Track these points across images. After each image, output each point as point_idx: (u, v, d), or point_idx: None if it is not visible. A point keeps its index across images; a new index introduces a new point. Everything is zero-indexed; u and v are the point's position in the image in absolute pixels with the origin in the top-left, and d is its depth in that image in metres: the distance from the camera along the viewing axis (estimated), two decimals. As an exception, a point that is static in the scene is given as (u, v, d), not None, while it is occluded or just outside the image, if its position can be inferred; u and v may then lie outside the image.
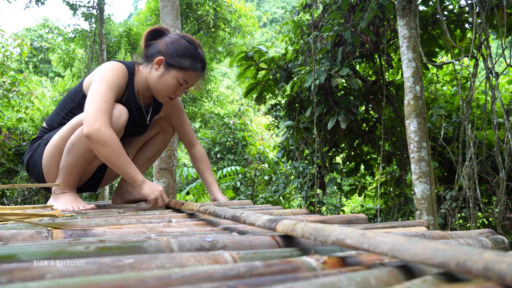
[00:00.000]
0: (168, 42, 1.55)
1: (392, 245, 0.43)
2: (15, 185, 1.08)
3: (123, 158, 1.40)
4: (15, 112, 6.92)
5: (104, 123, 1.37)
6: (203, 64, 1.59)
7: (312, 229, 0.57)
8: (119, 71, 1.51)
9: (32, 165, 1.60)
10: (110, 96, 1.44)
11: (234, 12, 11.27)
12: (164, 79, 1.55)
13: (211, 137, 9.52)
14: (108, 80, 1.46)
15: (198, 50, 1.56)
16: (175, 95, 1.60)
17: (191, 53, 1.54)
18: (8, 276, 0.40)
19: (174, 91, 1.58)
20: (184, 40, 1.55)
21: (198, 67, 1.56)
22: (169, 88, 1.56)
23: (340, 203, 5.57)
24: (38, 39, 14.42)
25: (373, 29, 3.92)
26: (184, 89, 1.60)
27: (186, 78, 1.55)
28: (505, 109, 3.08)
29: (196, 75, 1.57)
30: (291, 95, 4.74)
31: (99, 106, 1.39)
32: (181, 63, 1.52)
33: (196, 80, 1.59)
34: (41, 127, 1.70)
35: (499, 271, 0.33)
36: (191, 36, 1.60)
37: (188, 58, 1.53)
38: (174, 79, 1.54)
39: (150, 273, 0.41)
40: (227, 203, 1.71)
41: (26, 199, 7.33)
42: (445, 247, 0.38)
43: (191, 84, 1.59)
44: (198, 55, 1.55)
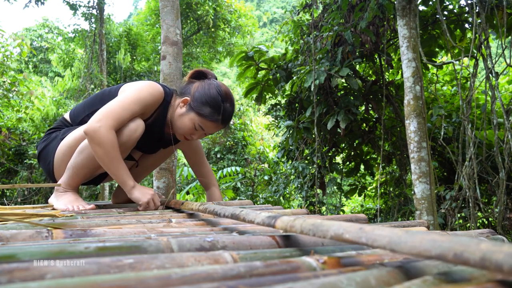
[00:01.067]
0: (200, 86, 1.58)
1: (390, 239, 0.43)
2: (15, 185, 1.08)
3: (115, 161, 1.41)
4: (15, 112, 6.92)
5: (107, 125, 1.39)
6: (225, 118, 1.58)
7: (311, 225, 0.57)
8: (154, 93, 1.53)
9: (44, 156, 1.62)
10: (131, 107, 1.46)
11: (234, 12, 11.27)
12: (183, 118, 1.58)
13: (211, 137, 9.52)
14: (137, 94, 1.49)
15: (224, 103, 1.56)
16: (190, 137, 1.62)
17: (214, 104, 1.55)
18: (8, 276, 0.40)
19: (190, 134, 1.60)
20: (214, 90, 1.56)
21: (217, 119, 1.56)
22: (184, 129, 1.59)
23: (340, 203, 5.57)
24: (37, 39, 14.43)
25: (373, 29, 3.92)
26: (201, 134, 1.61)
27: (202, 125, 1.57)
28: (505, 109, 3.08)
29: (214, 126, 1.58)
30: (291, 95, 4.74)
31: (112, 110, 1.42)
32: (201, 109, 1.54)
33: (214, 130, 1.60)
34: (62, 117, 1.70)
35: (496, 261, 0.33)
36: (226, 88, 1.60)
37: (209, 107, 1.54)
38: (191, 122, 1.57)
39: (150, 273, 0.41)
40: (227, 203, 1.71)
41: (26, 199, 7.33)
42: (442, 239, 0.39)
43: (209, 132, 1.61)
44: (221, 107, 1.55)
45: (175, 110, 1.61)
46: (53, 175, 1.62)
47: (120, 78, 10.27)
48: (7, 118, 6.89)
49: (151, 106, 1.55)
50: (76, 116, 1.65)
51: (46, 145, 1.62)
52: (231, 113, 1.61)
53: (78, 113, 1.65)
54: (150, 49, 11.24)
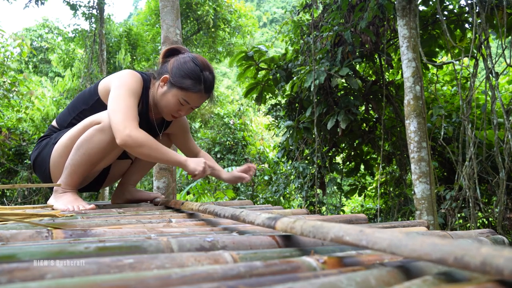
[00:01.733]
0: (175, 61, 1.58)
1: (390, 241, 0.43)
2: (15, 185, 1.08)
3: (161, 150, 1.44)
4: (15, 112, 6.92)
5: (132, 127, 1.41)
6: (208, 86, 1.58)
7: (311, 227, 0.57)
8: (137, 80, 1.54)
9: (40, 163, 1.61)
10: (133, 103, 1.47)
11: (234, 12, 11.27)
12: (166, 97, 1.58)
13: (211, 137, 9.52)
14: (129, 87, 1.49)
15: (203, 72, 1.56)
16: (178, 114, 1.62)
17: (193, 74, 1.54)
18: (8, 276, 0.40)
19: (177, 110, 1.60)
20: (191, 62, 1.56)
21: (200, 88, 1.56)
22: (170, 106, 1.58)
23: (340, 203, 5.57)
24: (37, 39, 14.43)
25: (373, 29, 3.92)
26: (188, 109, 1.61)
27: (186, 98, 1.56)
28: (505, 109, 3.08)
29: (198, 97, 1.58)
30: (291, 95, 4.74)
31: (125, 113, 1.42)
32: (182, 83, 1.54)
33: (199, 101, 1.60)
34: (50, 125, 1.70)
35: (496, 265, 0.33)
36: (202, 59, 1.61)
37: (190, 79, 1.54)
38: (175, 97, 1.56)
39: (150, 273, 0.41)
40: (227, 203, 1.71)
41: (26, 199, 7.33)
42: (443, 243, 0.38)
43: (194, 105, 1.60)
44: (201, 77, 1.55)
45: (156, 92, 1.61)
46: (51, 180, 1.61)
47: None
48: (7, 118, 6.89)
49: (140, 94, 1.56)
50: (63, 121, 1.65)
51: (39, 153, 1.62)
52: (212, 81, 1.61)
53: (64, 118, 1.65)
54: (150, 49, 11.24)
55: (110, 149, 1.50)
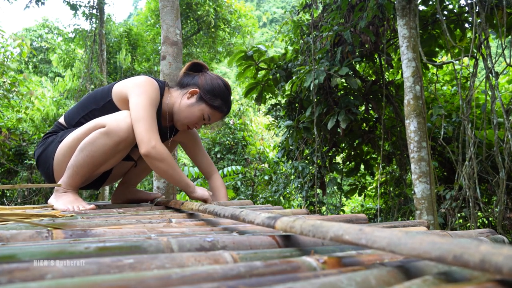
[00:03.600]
0: (208, 79, 1.67)
1: (389, 240, 0.43)
2: (15, 186, 1.08)
3: (177, 170, 1.54)
4: (15, 113, 6.92)
5: (157, 140, 1.48)
6: (229, 109, 1.72)
7: (311, 226, 0.57)
8: (155, 88, 1.58)
9: (43, 161, 1.61)
10: (154, 113, 1.53)
11: (234, 12, 11.27)
12: (192, 109, 1.65)
13: (211, 137, 9.51)
14: (150, 96, 1.53)
15: (229, 96, 1.70)
16: (194, 126, 1.70)
17: (224, 97, 1.66)
18: (8, 276, 0.40)
19: (196, 123, 1.68)
20: (221, 83, 1.67)
21: (225, 110, 1.69)
22: (192, 118, 1.66)
23: (340, 203, 5.57)
24: (37, 39, 14.43)
25: (373, 29, 3.92)
26: (203, 124, 1.71)
27: (211, 115, 1.66)
28: (505, 108, 3.08)
29: (220, 116, 1.70)
30: (291, 95, 4.74)
31: (149, 125, 1.48)
32: (213, 101, 1.64)
33: (218, 120, 1.72)
34: (57, 122, 1.71)
35: (495, 263, 0.33)
36: (226, 81, 1.72)
37: (221, 100, 1.65)
38: (200, 112, 1.65)
39: (150, 273, 0.41)
40: (227, 203, 1.71)
41: (26, 200, 7.33)
42: (442, 241, 0.39)
43: (212, 122, 1.70)
44: (228, 100, 1.69)
45: (179, 101, 1.67)
46: (53, 178, 1.61)
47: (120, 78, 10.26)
48: (7, 119, 6.88)
49: (158, 103, 1.60)
50: (71, 119, 1.66)
51: (44, 150, 1.62)
52: (231, 104, 1.75)
53: (72, 116, 1.66)
54: (151, 49, 11.24)
55: (114, 153, 1.50)
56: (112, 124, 1.47)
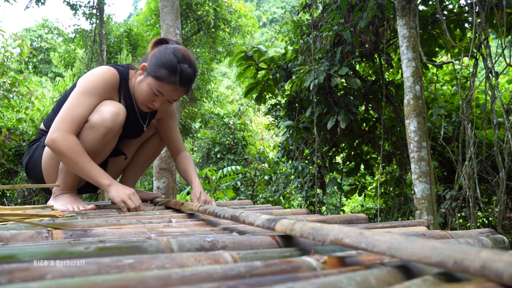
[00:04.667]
0: (156, 51, 1.53)
1: (390, 244, 0.43)
2: (15, 186, 1.08)
3: (82, 165, 1.40)
4: (15, 113, 6.92)
5: (63, 131, 1.39)
6: (183, 78, 1.49)
7: (311, 229, 0.57)
8: (106, 77, 1.49)
9: (32, 167, 1.61)
10: (83, 102, 1.44)
11: (234, 12, 11.27)
12: (141, 85, 1.53)
13: (211, 137, 9.51)
14: (87, 87, 1.46)
15: (180, 63, 1.49)
16: (152, 105, 1.55)
17: (170, 65, 1.47)
18: (8, 276, 0.40)
19: (151, 100, 1.54)
20: (171, 53, 1.50)
21: (174, 80, 1.48)
22: (144, 95, 1.53)
23: (340, 203, 5.57)
24: (37, 39, 14.43)
25: (373, 28, 3.92)
26: (163, 101, 1.54)
27: (160, 88, 1.49)
28: (505, 108, 3.08)
29: (171, 88, 1.50)
30: (291, 95, 4.74)
31: (64, 113, 1.42)
32: (156, 72, 1.48)
33: (173, 93, 1.52)
34: (39, 129, 1.70)
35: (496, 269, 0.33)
36: (185, 52, 1.53)
37: (165, 69, 1.47)
38: (148, 87, 1.50)
39: (150, 273, 0.41)
40: (227, 203, 1.71)
41: (26, 200, 7.33)
42: (442, 246, 0.38)
43: (169, 97, 1.53)
44: (177, 68, 1.48)
45: (135, 81, 1.57)
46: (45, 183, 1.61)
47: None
48: (7, 119, 6.88)
49: (108, 90, 1.51)
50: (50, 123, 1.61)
51: (30, 157, 1.61)
52: (190, 75, 1.52)
53: (50, 120, 1.60)
54: (150, 49, 11.22)
55: (102, 145, 1.49)
56: (95, 117, 1.44)
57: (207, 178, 7.33)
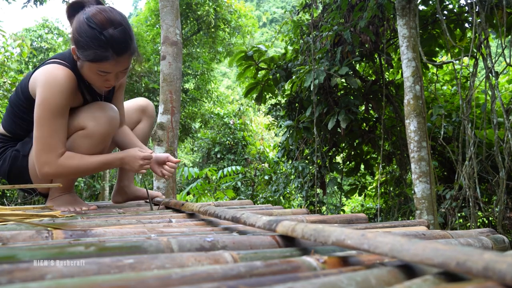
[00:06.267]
0: (73, 28, 1.29)
1: (392, 246, 0.43)
2: (15, 186, 1.08)
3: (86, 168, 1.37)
4: (15, 113, 6.91)
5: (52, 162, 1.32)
6: (117, 47, 1.27)
7: (312, 230, 0.57)
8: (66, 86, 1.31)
9: (17, 177, 1.50)
10: (58, 125, 1.32)
11: (234, 12, 11.27)
12: (84, 71, 1.35)
13: (211, 137, 9.52)
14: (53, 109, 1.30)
15: (103, 33, 1.25)
16: (108, 84, 1.39)
17: (94, 42, 1.25)
18: (8, 276, 0.40)
19: (103, 81, 1.37)
20: (86, 25, 1.25)
21: (109, 55, 1.27)
22: (93, 81, 1.37)
23: (340, 203, 5.57)
24: (37, 40, 14.42)
25: (373, 28, 3.92)
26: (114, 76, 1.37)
27: (101, 69, 1.31)
28: (505, 108, 3.08)
29: (113, 63, 1.30)
30: (291, 95, 4.74)
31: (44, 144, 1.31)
32: (86, 56, 1.28)
33: (119, 66, 1.33)
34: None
35: (499, 271, 0.33)
36: (100, 11, 1.27)
37: (92, 49, 1.25)
38: (90, 72, 1.33)
39: (150, 273, 0.41)
40: (227, 203, 1.71)
41: (26, 200, 7.32)
42: (445, 248, 0.38)
43: (117, 70, 1.34)
44: (103, 41, 1.25)
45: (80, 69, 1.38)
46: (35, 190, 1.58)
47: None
48: (7, 119, 6.88)
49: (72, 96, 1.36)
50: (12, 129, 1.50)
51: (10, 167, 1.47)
52: (121, 37, 1.28)
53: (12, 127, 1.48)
54: (151, 49, 11.23)
55: (101, 148, 1.47)
56: (91, 125, 1.38)
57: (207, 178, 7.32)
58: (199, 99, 11.22)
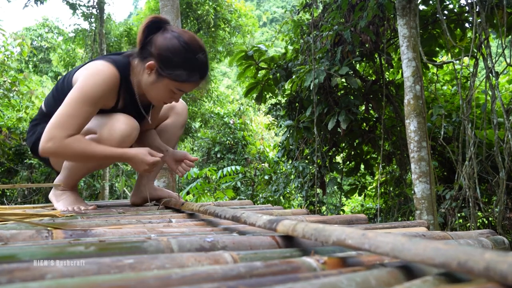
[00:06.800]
0: (162, 45, 1.34)
1: (393, 245, 0.43)
2: (15, 185, 1.08)
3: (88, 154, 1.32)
4: (15, 112, 6.92)
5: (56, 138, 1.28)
6: (203, 71, 1.39)
7: (313, 230, 0.57)
8: (107, 81, 1.34)
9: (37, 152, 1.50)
10: (84, 112, 1.32)
11: (234, 11, 11.26)
12: (156, 87, 1.39)
13: (211, 137, 9.51)
14: (86, 94, 1.31)
15: (197, 57, 1.35)
16: (170, 101, 1.46)
17: (187, 64, 1.34)
18: (8, 276, 0.40)
19: (169, 98, 1.44)
20: (179, 46, 1.33)
21: (196, 78, 1.37)
22: (160, 95, 1.42)
23: (340, 203, 5.57)
24: (37, 39, 14.42)
25: (373, 28, 3.92)
26: (180, 95, 1.45)
27: (180, 88, 1.39)
28: (505, 108, 3.08)
29: (193, 85, 1.41)
30: (291, 94, 4.74)
31: (61, 121, 1.29)
32: (173, 74, 1.34)
33: (193, 88, 1.44)
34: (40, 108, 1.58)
35: (500, 271, 0.33)
36: (192, 36, 1.37)
37: (183, 70, 1.34)
38: (166, 88, 1.38)
39: (150, 273, 0.41)
40: (227, 203, 1.71)
41: (26, 199, 7.33)
42: (446, 247, 0.38)
43: (189, 90, 1.44)
44: (196, 64, 1.35)
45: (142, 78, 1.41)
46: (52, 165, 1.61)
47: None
48: (8, 118, 6.89)
49: (108, 93, 1.38)
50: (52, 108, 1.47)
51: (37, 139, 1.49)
52: (206, 63, 1.40)
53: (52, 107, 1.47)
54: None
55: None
56: (105, 132, 1.38)
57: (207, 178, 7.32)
58: (199, 99, 11.21)
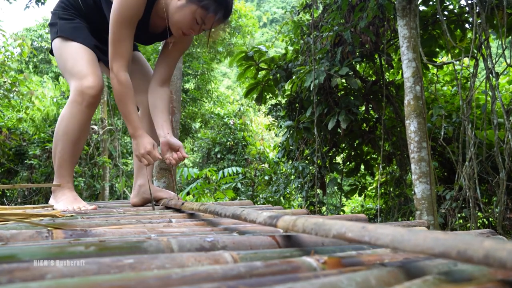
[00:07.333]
0: None
1: (393, 237, 0.43)
2: (15, 185, 1.08)
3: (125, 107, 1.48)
4: (15, 112, 6.93)
5: (118, 68, 1.46)
6: (227, 11, 1.49)
7: (313, 224, 0.57)
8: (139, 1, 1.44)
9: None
10: (125, 35, 1.45)
11: (234, 12, 11.27)
12: (182, 11, 1.45)
13: (211, 137, 9.52)
14: (123, 18, 1.43)
15: None
16: (188, 32, 1.51)
17: None
18: (8, 276, 0.40)
19: (189, 27, 1.49)
20: None
21: (220, 15, 1.46)
22: (183, 22, 1.47)
23: (340, 203, 5.57)
24: (38, 39, 14.42)
25: (373, 29, 3.92)
26: (200, 28, 1.50)
27: (204, 18, 1.45)
28: (505, 109, 3.08)
29: (216, 20, 1.48)
30: (291, 95, 4.74)
31: (114, 50, 1.46)
32: (204, 3, 1.42)
33: (214, 25, 1.50)
34: None
35: (499, 258, 0.33)
36: None
37: (213, 1, 1.43)
38: (191, 15, 1.45)
39: (150, 273, 0.41)
40: (227, 203, 1.71)
41: (26, 199, 7.33)
42: (445, 237, 0.39)
43: (208, 27, 1.50)
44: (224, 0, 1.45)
45: (170, 2, 1.48)
46: None
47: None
48: (8, 118, 6.89)
49: (140, 12, 1.47)
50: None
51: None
52: (231, 5, 1.51)
53: None
54: (151, 49, 11.24)
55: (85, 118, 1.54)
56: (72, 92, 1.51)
57: (207, 178, 7.33)
58: (199, 99, 11.22)
